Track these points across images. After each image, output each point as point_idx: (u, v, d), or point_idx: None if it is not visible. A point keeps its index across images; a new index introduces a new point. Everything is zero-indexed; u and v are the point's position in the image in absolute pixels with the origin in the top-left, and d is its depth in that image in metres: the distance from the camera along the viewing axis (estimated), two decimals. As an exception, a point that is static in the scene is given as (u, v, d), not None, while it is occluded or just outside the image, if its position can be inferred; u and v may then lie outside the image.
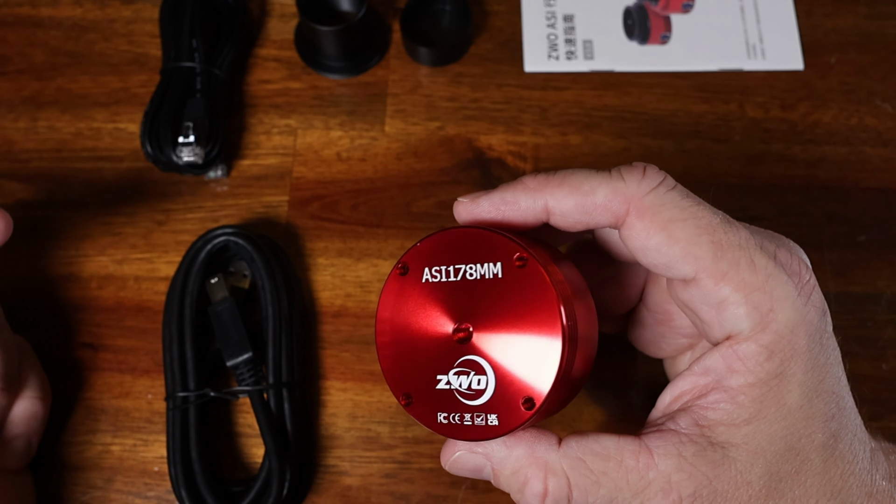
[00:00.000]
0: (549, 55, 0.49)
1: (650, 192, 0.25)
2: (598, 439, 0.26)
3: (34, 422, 0.39)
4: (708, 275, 0.25)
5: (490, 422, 0.25)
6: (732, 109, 0.47)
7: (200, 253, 0.41)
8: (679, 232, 0.25)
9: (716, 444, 0.25)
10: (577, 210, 0.26)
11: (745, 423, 0.25)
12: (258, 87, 0.49)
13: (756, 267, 0.25)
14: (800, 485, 0.25)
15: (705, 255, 0.25)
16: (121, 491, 0.41)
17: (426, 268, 0.27)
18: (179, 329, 0.40)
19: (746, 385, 0.25)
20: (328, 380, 0.42)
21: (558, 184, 0.26)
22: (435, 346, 0.26)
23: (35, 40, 0.50)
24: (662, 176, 0.26)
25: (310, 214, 0.45)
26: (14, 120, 0.48)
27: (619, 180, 0.26)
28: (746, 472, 0.24)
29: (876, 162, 0.46)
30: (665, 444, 0.25)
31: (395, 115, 0.47)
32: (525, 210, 0.27)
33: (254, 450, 0.41)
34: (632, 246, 0.26)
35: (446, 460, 0.28)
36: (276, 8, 0.51)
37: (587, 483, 0.25)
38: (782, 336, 0.24)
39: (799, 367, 0.25)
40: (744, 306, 0.25)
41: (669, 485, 0.24)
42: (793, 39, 0.49)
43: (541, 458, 0.26)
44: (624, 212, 0.26)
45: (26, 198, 0.46)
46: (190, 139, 0.43)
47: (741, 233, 0.25)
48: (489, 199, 0.27)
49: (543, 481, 0.26)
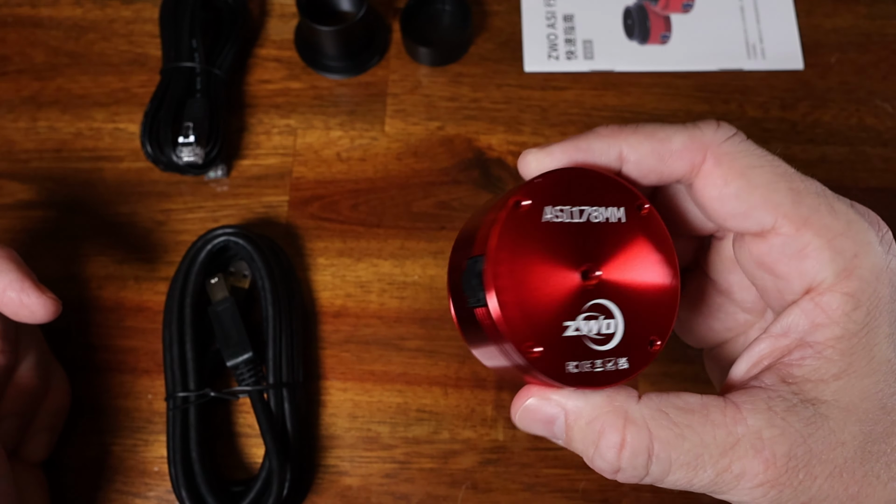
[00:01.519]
0: (549, 55, 0.49)
1: (727, 140, 0.25)
2: (681, 395, 0.24)
3: (60, 415, 0.40)
4: (789, 221, 0.24)
5: (620, 365, 0.25)
6: (732, 109, 0.47)
7: (200, 253, 0.41)
8: (758, 178, 0.25)
9: (806, 402, 0.23)
10: (653, 156, 0.26)
11: (835, 379, 0.23)
12: (258, 87, 0.49)
13: (836, 213, 0.24)
14: (893, 447, 0.23)
15: (785, 202, 0.24)
16: (120, 491, 0.41)
17: (547, 206, 0.25)
18: (179, 329, 0.40)
19: (834, 338, 0.23)
20: (328, 380, 0.42)
21: (633, 131, 0.26)
22: (561, 291, 0.24)
23: (35, 40, 0.50)
24: (735, 129, 0.26)
25: (310, 214, 0.45)
26: (14, 120, 0.48)
27: (694, 129, 0.26)
28: (840, 432, 0.23)
29: (876, 162, 0.46)
30: (753, 399, 0.23)
31: (395, 115, 0.47)
32: (599, 157, 0.26)
33: (254, 450, 0.41)
34: (708, 195, 0.26)
35: (516, 410, 0.26)
36: (276, 8, 0.51)
37: (670, 436, 0.23)
38: (868, 283, 0.23)
39: (885, 318, 0.23)
40: (827, 251, 0.24)
41: (761, 441, 0.23)
42: (793, 39, 0.49)
43: (620, 406, 0.24)
44: (700, 159, 0.25)
45: (26, 198, 0.46)
46: (190, 139, 0.43)
47: (816, 182, 0.25)
48: (562, 148, 0.26)
49: (622, 431, 0.24)
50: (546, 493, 0.40)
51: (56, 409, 0.40)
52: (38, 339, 0.39)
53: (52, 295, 0.34)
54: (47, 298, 0.34)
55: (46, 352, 0.40)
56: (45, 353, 0.39)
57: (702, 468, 0.23)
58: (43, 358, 0.39)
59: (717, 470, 0.23)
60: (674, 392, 0.24)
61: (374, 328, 0.43)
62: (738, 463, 0.23)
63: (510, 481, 0.40)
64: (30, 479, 0.38)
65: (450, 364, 0.42)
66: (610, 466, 0.24)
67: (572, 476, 0.40)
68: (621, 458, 0.24)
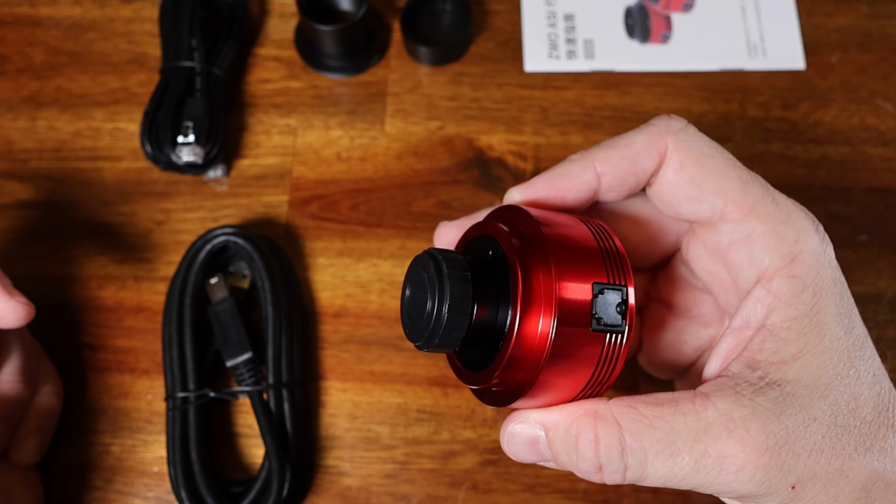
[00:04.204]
0: (549, 54, 0.49)
1: (682, 129, 0.27)
2: (651, 394, 0.25)
3: (50, 417, 0.39)
4: (737, 207, 0.26)
5: None
6: (733, 109, 0.47)
7: (200, 253, 0.41)
8: (711, 165, 0.27)
9: (772, 384, 0.24)
10: (624, 161, 0.28)
11: (794, 359, 0.24)
12: (258, 86, 0.48)
13: (778, 203, 0.26)
14: (861, 420, 0.24)
15: (734, 188, 0.26)
16: (120, 491, 0.41)
17: None
18: (179, 329, 0.40)
19: (788, 319, 0.25)
20: (328, 380, 0.42)
21: (599, 148, 0.28)
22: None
23: (34, 40, 0.50)
24: (685, 120, 0.28)
25: (310, 214, 0.45)
26: (13, 119, 0.48)
27: (649, 126, 0.28)
28: (810, 408, 0.24)
29: (877, 162, 0.46)
30: (720, 386, 0.24)
31: (395, 115, 0.47)
32: (577, 178, 0.28)
33: (254, 450, 0.41)
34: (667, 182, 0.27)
35: (504, 441, 0.27)
36: (275, 7, 0.51)
37: (640, 427, 0.24)
38: (811, 266, 0.25)
39: (831, 300, 0.25)
40: (771, 236, 0.26)
41: (733, 422, 0.23)
42: (794, 39, 0.49)
43: (590, 408, 0.25)
44: (664, 146, 0.27)
45: (26, 198, 0.46)
46: (189, 139, 0.43)
47: (760, 177, 0.27)
48: (541, 180, 0.28)
49: (594, 428, 0.25)
50: (546, 493, 0.40)
51: (46, 412, 0.39)
52: (23, 342, 0.38)
53: (24, 299, 0.34)
54: (18, 303, 0.33)
55: (33, 354, 0.39)
56: (30, 356, 0.38)
57: (678, 455, 0.23)
58: (28, 361, 0.38)
59: (694, 456, 0.23)
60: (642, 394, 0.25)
61: (374, 328, 0.43)
62: (713, 446, 0.23)
63: (510, 482, 0.40)
64: (19, 482, 0.38)
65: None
66: (591, 465, 0.25)
67: (572, 476, 0.40)
68: (598, 453, 0.24)
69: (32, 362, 0.39)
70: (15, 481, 0.37)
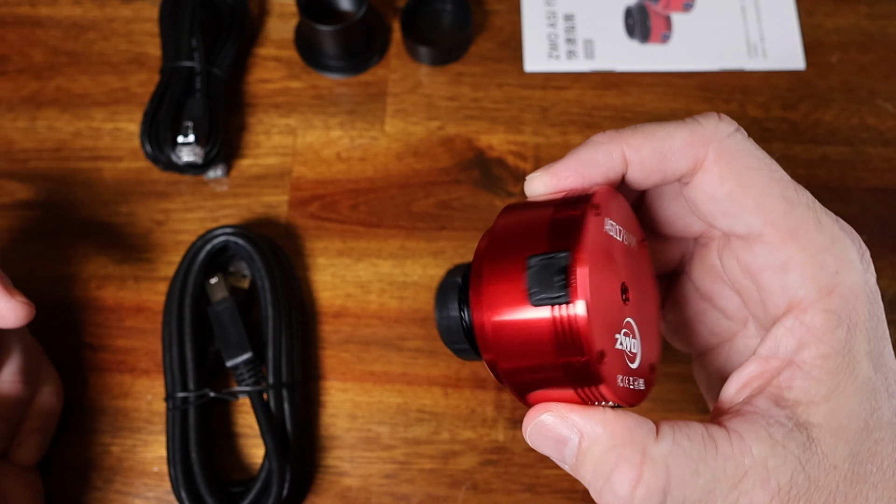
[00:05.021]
0: (549, 54, 0.49)
1: (729, 136, 0.25)
2: (689, 425, 0.23)
3: (50, 418, 0.39)
4: (776, 230, 0.24)
5: (639, 386, 0.24)
6: (733, 109, 0.47)
7: (200, 253, 0.41)
8: (754, 180, 0.24)
9: (800, 426, 0.23)
10: (655, 156, 0.25)
11: (825, 400, 0.23)
12: (258, 86, 0.48)
13: (823, 228, 0.24)
14: (878, 466, 0.23)
15: (776, 209, 0.24)
16: (120, 492, 0.41)
17: (607, 218, 0.24)
18: (179, 329, 0.40)
19: (820, 357, 0.23)
20: (328, 380, 0.42)
21: (632, 133, 0.25)
22: (615, 303, 0.24)
23: (34, 40, 0.50)
24: (737, 124, 0.25)
25: (310, 214, 0.45)
26: (13, 119, 0.48)
27: (695, 124, 0.25)
28: (832, 455, 0.23)
29: (877, 162, 0.46)
30: (753, 427, 0.23)
31: (395, 115, 0.47)
32: (603, 165, 0.25)
33: (254, 450, 0.41)
34: (702, 192, 0.25)
35: (528, 424, 0.25)
36: (275, 7, 0.51)
37: (686, 473, 0.22)
38: (847, 301, 0.23)
39: (863, 336, 0.23)
40: (811, 267, 0.24)
41: (767, 472, 0.22)
42: (794, 39, 0.49)
43: (640, 441, 0.23)
44: (703, 154, 0.25)
45: (26, 198, 0.46)
46: (189, 139, 0.43)
47: (807, 194, 0.25)
48: (564, 165, 0.26)
49: (639, 467, 0.23)
50: (546, 493, 0.40)
51: (46, 412, 0.39)
52: (24, 342, 0.38)
53: (24, 299, 0.33)
54: (17, 303, 0.33)
55: (34, 354, 0.39)
56: (31, 356, 0.38)
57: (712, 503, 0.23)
58: (28, 361, 0.38)
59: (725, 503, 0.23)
60: (682, 421, 0.24)
61: (374, 328, 0.43)
62: (745, 496, 0.22)
63: (510, 482, 0.40)
64: (19, 482, 0.38)
65: (450, 364, 0.42)
66: (618, 500, 0.23)
67: (573, 477, 0.40)
68: (635, 494, 0.23)
69: (32, 362, 0.38)
70: (15, 481, 0.37)
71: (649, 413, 0.24)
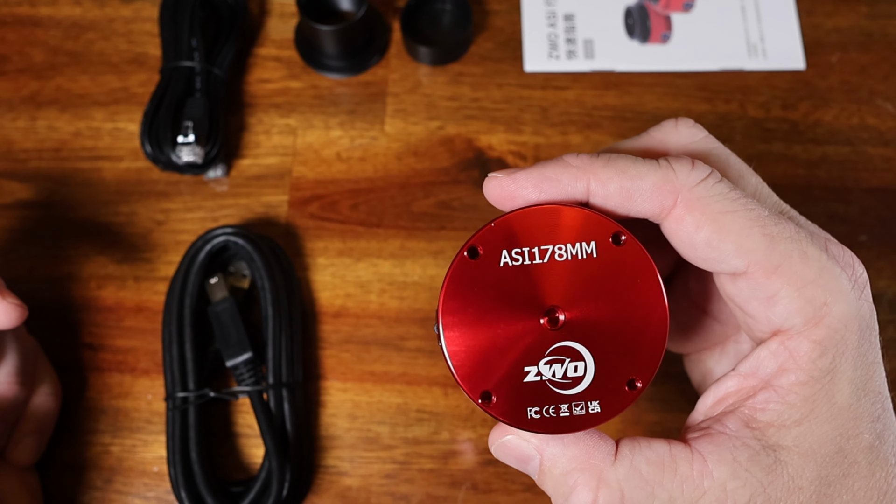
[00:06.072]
0: (549, 54, 0.49)
1: (700, 183, 0.24)
2: (651, 445, 0.24)
3: (47, 418, 0.39)
4: (760, 268, 0.24)
5: (592, 409, 0.24)
6: (733, 109, 0.47)
7: (200, 253, 0.41)
8: (730, 224, 0.24)
9: (768, 448, 0.24)
10: (621, 194, 0.25)
11: (796, 425, 0.24)
12: (258, 86, 0.48)
13: (808, 259, 0.24)
14: (847, 489, 0.24)
15: (757, 248, 0.24)
16: (120, 491, 0.41)
17: (504, 250, 0.24)
18: (179, 329, 0.40)
19: (798, 383, 0.24)
20: (328, 380, 0.42)
21: (603, 164, 0.25)
22: (521, 336, 0.24)
23: (34, 39, 0.50)
24: (710, 168, 0.25)
25: (310, 214, 0.45)
26: (13, 119, 0.48)
27: (668, 169, 0.25)
28: (798, 477, 0.23)
29: (877, 162, 0.46)
30: (718, 449, 0.24)
31: (395, 115, 0.47)
32: (565, 188, 0.25)
33: (254, 450, 0.41)
34: (679, 239, 0.25)
35: (493, 442, 0.26)
36: (275, 7, 0.51)
37: (642, 497, 0.24)
38: (835, 331, 0.23)
39: (849, 364, 0.24)
40: (797, 301, 0.24)
41: (725, 493, 0.23)
42: (794, 39, 0.49)
43: (596, 465, 0.24)
44: (671, 203, 0.24)
45: (26, 198, 0.46)
46: (189, 139, 0.43)
47: (790, 225, 0.24)
48: (528, 176, 0.25)
49: (595, 492, 0.24)
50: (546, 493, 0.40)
51: (43, 413, 0.39)
52: (20, 342, 0.38)
53: (16, 300, 0.33)
54: (9, 304, 0.33)
55: (30, 355, 0.39)
56: (27, 356, 0.38)
57: None
58: (25, 362, 0.38)
59: None
60: (644, 440, 0.25)
61: (374, 328, 0.43)
62: None
63: (510, 482, 0.40)
64: (16, 482, 0.38)
65: (450, 364, 0.42)
66: None
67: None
68: None
69: (29, 363, 0.38)
70: (12, 482, 0.37)
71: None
